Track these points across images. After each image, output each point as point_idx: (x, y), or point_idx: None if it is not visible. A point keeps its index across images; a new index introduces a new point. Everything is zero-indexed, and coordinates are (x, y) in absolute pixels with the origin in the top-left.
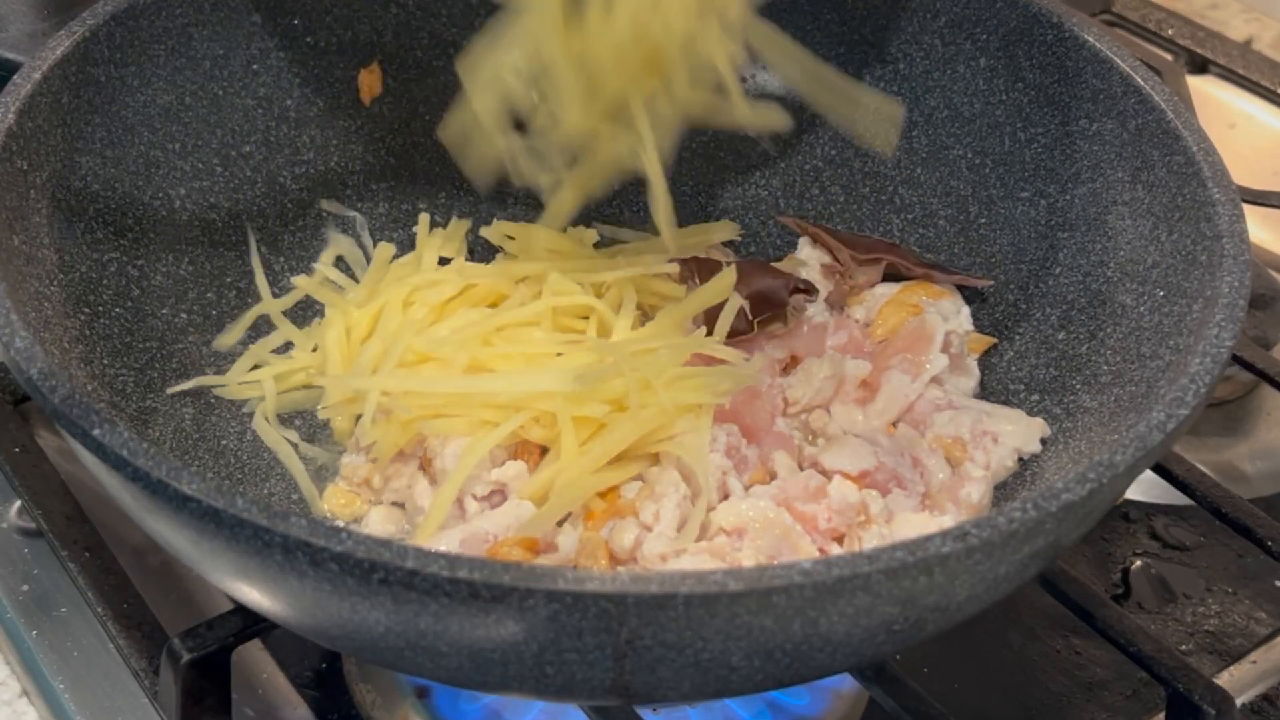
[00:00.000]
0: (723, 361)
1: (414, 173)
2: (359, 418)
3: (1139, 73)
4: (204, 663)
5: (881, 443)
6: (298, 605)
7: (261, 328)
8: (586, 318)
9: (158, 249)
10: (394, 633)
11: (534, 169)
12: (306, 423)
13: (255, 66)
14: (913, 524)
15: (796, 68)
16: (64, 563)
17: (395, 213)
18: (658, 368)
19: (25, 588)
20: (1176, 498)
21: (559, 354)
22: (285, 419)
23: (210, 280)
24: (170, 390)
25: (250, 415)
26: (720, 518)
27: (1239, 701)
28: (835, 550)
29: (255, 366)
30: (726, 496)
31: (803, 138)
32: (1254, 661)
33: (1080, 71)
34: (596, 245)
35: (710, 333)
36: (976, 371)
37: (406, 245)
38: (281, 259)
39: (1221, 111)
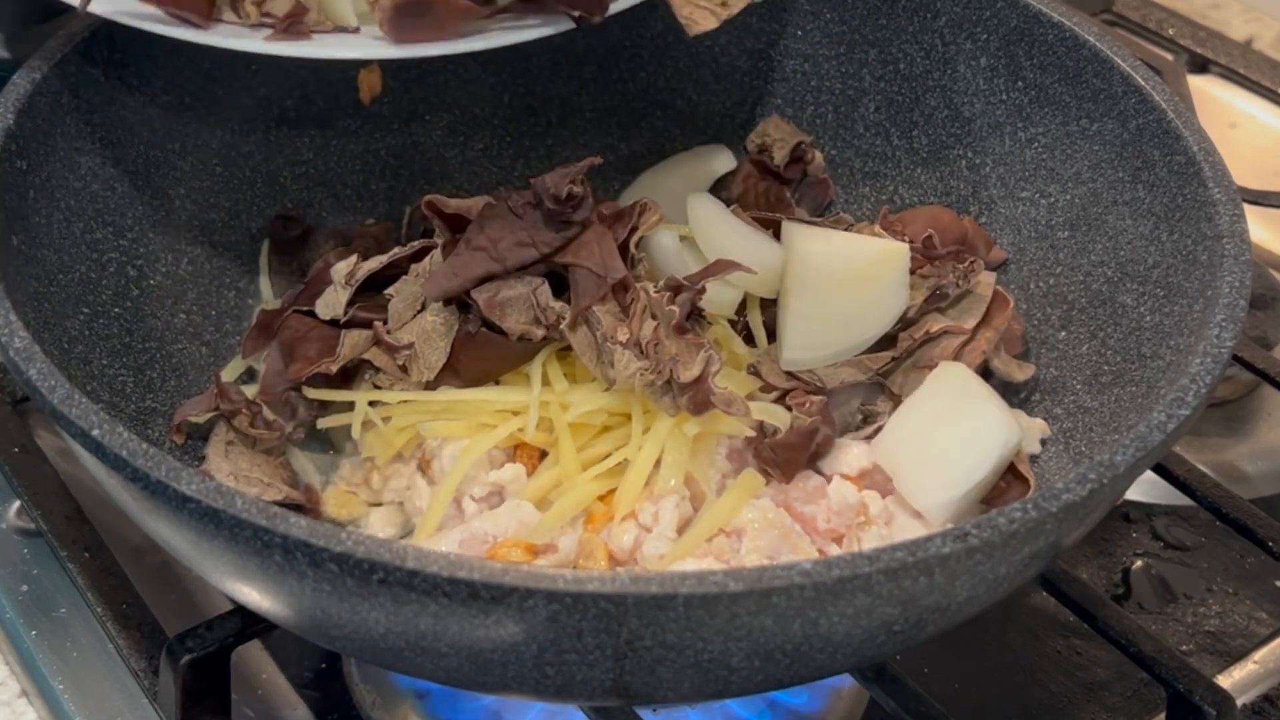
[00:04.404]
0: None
1: (414, 173)
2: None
3: (1139, 72)
4: (203, 663)
5: None
6: (298, 606)
7: None
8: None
9: (158, 249)
10: (394, 633)
11: None
12: None
13: (255, 66)
14: (913, 525)
15: None
16: (63, 563)
17: (395, 213)
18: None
19: (25, 588)
20: (1177, 498)
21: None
22: None
23: (210, 280)
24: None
25: None
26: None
27: (1240, 702)
28: (835, 551)
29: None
30: None
31: None
32: (1255, 662)
33: (1080, 71)
34: None
35: None
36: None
37: None
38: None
39: (1222, 111)
